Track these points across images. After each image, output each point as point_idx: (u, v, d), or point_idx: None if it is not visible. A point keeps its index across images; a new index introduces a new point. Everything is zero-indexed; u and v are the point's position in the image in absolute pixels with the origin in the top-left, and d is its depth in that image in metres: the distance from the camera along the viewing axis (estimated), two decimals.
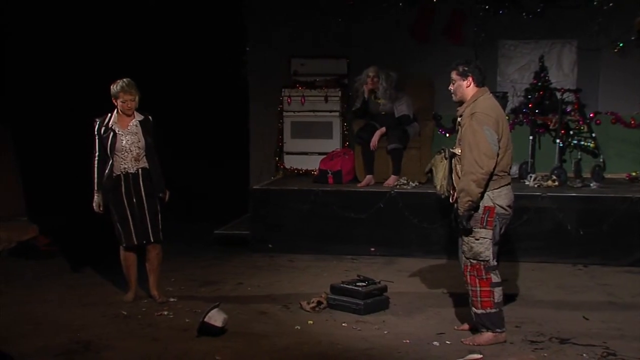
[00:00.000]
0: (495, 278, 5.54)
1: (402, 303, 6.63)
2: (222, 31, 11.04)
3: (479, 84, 5.61)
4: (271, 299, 6.83)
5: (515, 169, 9.32)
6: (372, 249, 8.48)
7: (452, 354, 5.39)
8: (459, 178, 5.48)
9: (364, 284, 6.54)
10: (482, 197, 5.43)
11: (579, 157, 9.06)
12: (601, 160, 9.05)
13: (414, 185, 8.81)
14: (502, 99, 9.78)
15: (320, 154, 9.62)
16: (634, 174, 9.17)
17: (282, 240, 8.64)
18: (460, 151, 5.51)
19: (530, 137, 9.26)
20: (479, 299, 5.53)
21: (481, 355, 5.32)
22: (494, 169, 5.41)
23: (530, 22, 9.81)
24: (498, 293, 5.55)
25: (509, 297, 6.35)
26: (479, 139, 5.37)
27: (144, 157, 6.48)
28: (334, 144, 9.82)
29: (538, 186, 8.61)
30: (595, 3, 9.56)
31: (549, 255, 8.07)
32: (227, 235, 9.17)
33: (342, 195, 8.67)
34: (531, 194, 8.23)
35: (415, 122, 9.13)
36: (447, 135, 9.79)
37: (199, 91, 11.44)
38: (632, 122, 9.46)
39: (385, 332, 5.90)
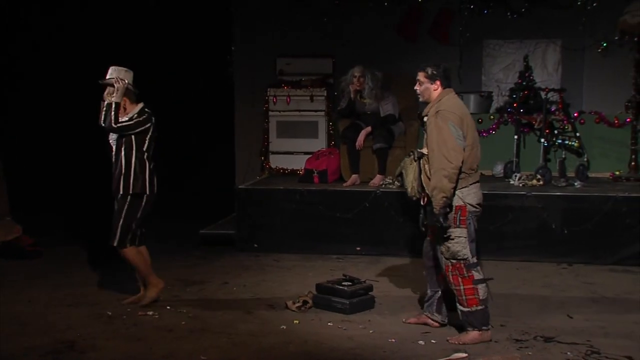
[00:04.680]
0: (477, 275, 5.57)
1: (388, 302, 6.64)
2: (208, 30, 11.01)
3: (445, 87, 5.67)
4: (257, 298, 6.83)
5: (500, 168, 9.38)
6: (358, 249, 8.48)
7: (437, 352, 5.40)
8: (429, 179, 5.50)
9: (349, 283, 6.54)
10: (453, 194, 5.46)
11: (564, 156, 9.09)
12: (585, 159, 9.09)
13: (399, 184, 8.81)
14: (487, 98, 9.85)
15: (305, 153, 9.62)
16: (617, 173, 9.22)
17: (268, 239, 8.64)
18: (427, 151, 5.54)
19: (515, 137, 9.29)
20: (464, 297, 5.55)
21: (466, 354, 5.34)
22: (461, 167, 5.43)
23: (515, 22, 9.86)
24: (482, 290, 5.57)
25: (494, 296, 6.37)
26: (445, 135, 5.40)
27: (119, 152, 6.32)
28: (319, 143, 9.82)
29: (523, 185, 8.64)
30: (579, 3, 9.61)
31: (533, 254, 8.11)
32: (212, 234, 9.15)
33: (327, 195, 8.68)
34: (516, 193, 8.27)
35: (400, 122, 9.15)
36: None
37: (184, 90, 11.40)
38: (616, 121, 9.48)
39: (371, 332, 5.90)
